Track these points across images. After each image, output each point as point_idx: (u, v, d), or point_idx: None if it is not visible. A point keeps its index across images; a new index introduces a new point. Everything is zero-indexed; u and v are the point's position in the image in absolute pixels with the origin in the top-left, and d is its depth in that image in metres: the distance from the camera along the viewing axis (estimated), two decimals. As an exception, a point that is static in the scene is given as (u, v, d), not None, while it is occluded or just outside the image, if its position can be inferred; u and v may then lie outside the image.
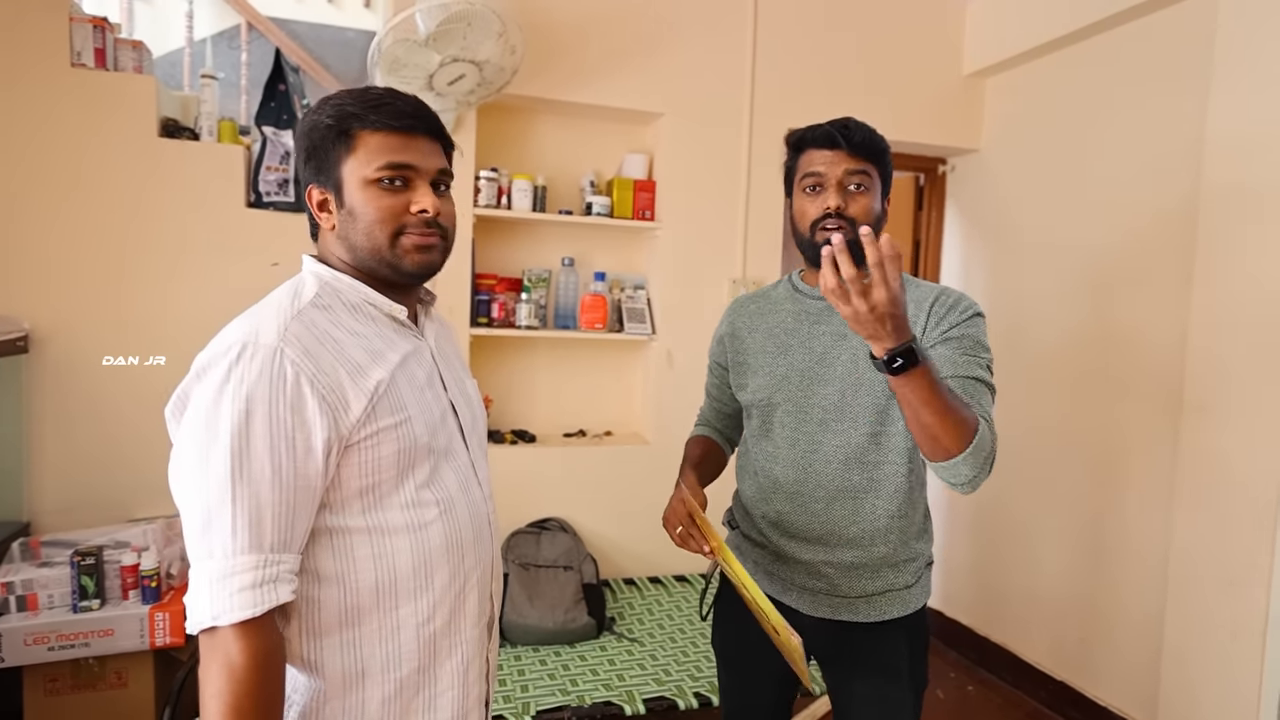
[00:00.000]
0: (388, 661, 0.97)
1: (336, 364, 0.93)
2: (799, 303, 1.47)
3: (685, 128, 2.98)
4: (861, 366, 1.35)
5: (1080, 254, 2.83)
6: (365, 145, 0.98)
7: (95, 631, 2.05)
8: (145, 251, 2.41)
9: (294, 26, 4.07)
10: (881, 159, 1.36)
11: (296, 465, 0.88)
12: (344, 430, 0.91)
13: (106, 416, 2.38)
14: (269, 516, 0.86)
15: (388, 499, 0.96)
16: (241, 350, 0.89)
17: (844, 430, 1.37)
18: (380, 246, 0.99)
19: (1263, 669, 2.15)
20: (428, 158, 1.01)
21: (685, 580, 2.98)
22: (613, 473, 2.98)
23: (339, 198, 1.00)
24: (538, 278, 2.98)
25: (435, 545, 0.99)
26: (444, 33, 2.33)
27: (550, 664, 2.29)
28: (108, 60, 2.36)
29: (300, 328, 0.93)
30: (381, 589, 0.96)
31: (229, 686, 0.84)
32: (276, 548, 0.87)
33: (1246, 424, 2.19)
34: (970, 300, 1.36)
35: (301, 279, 1.04)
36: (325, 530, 0.94)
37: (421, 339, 1.09)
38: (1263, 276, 2.16)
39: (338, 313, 0.99)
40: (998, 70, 3.19)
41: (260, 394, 0.87)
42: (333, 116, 0.98)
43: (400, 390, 0.98)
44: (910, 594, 1.42)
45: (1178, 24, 2.49)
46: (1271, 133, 2.14)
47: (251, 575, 0.85)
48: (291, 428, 0.88)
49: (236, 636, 0.84)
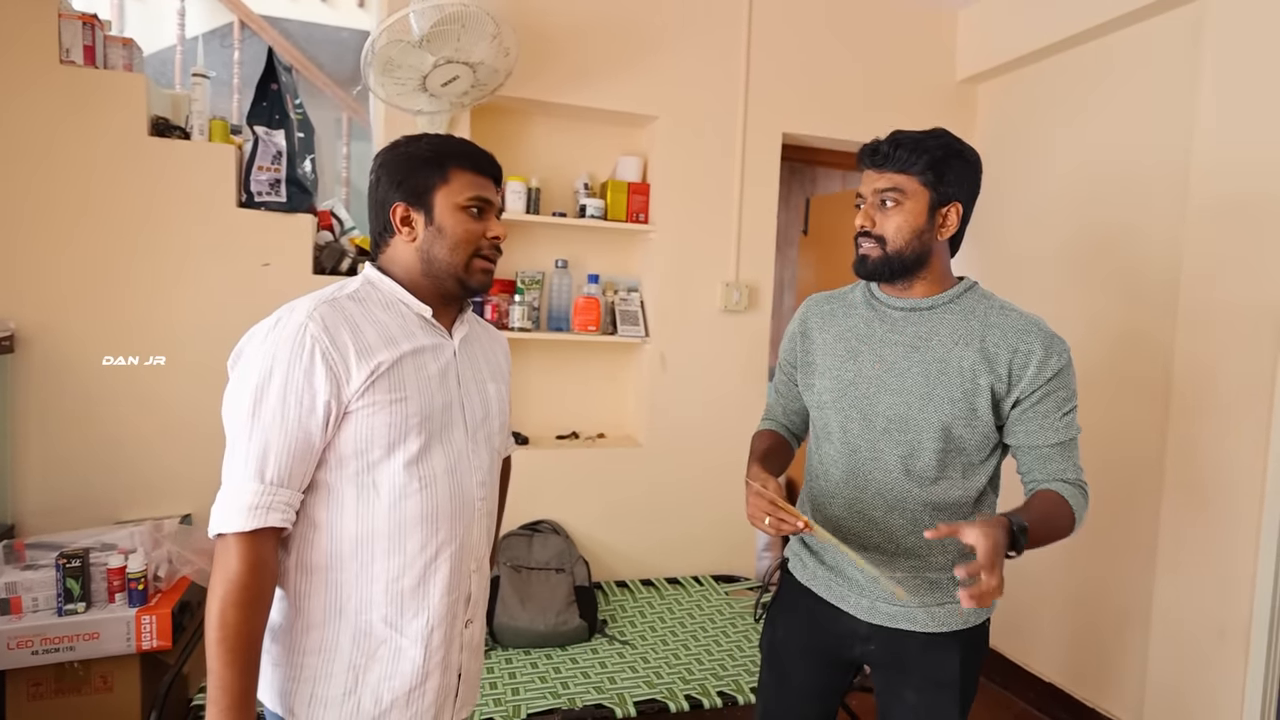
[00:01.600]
0: (361, 604, 1.14)
1: (350, 342, 1.10)
2: (874, 309, 1.46)
3: (679, 131, 2.98)
4: (932, 381, 1.35)
5: (1070, 258, 2.84)
6: (458, 179, 1.20)
7: (80, 635, 2.03)
8: (134, 251, 2.39)
9: (287, 25, 4.05)
10: (928, 170, 1.33)
11: (301, 418, 1.07)
12: (345, 398, 1.09)
13: (94, 417, 2.36)
14: (273, 455, 1.06)
15: (377, 466, 1.13)
16: (279, 320, 1.10)
17: (907, 441, 1.37)
18: (458, 263, 1.20)
19: (1246, 668, 2.17)
20: (495, 195, 1.26)
21: (678, 583, 2.97)
22: (605, 475, 2.97)
23: (429, 216, 1.20)
24: (531, 280, 2.97)
25: (411, 514, 1.15)
26: (438, 34, 2.32)
27: (541, 666, 2.28)
28: (97, 58, 2.34)
29: (329, 309, 1.12)
30: (361, 541, 1.13)
31: (223, 583, 1.04)
32: (276, 482, 1.06)
33: (1233, 426, 2.21)
34: (1058, 341, 1.35)
35: (353, 279, 1.24)
36: (324, 485, 1.13)
37: (447, 339, 1.24)
38: (1248, 280, 2.18)
39: (370, 305, 1.18)
40: (990, 76, 3.20)
41: (282, 356, 1.07)
42: (431, 151, 1.20)
43: (404, 373, 1.14)
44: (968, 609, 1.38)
45: (1166, 31, 2.51)
46: (1258, 138, 2.16)
47: (251, 498, 1.05)
48: (301, 387, 1.07)
49: (235, 544, 1.04)
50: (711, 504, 3.09)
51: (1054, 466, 1.35)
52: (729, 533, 3.13)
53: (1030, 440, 1.36)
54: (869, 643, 1.45)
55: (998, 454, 1.42)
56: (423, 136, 1.24)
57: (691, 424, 3.05)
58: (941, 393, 1.34)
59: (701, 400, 3.05)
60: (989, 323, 1.36)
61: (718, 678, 2.25)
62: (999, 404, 1.35)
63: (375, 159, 1.25)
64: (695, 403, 3.04)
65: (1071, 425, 1.35)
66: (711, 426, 3.07)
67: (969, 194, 1.38)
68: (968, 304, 1.39)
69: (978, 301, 1.39)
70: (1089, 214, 2.77)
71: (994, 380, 1.33)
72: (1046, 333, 1.35)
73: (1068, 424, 1.35)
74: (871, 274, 1.40)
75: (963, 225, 1.39)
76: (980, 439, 1.36)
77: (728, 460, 3.11)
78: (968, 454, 1.36)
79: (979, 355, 1.33)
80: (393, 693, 1.16)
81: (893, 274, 1.38)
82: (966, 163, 1.36)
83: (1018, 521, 1.20)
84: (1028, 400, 1.33)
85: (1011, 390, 1.33)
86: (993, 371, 1.33)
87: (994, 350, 1.33)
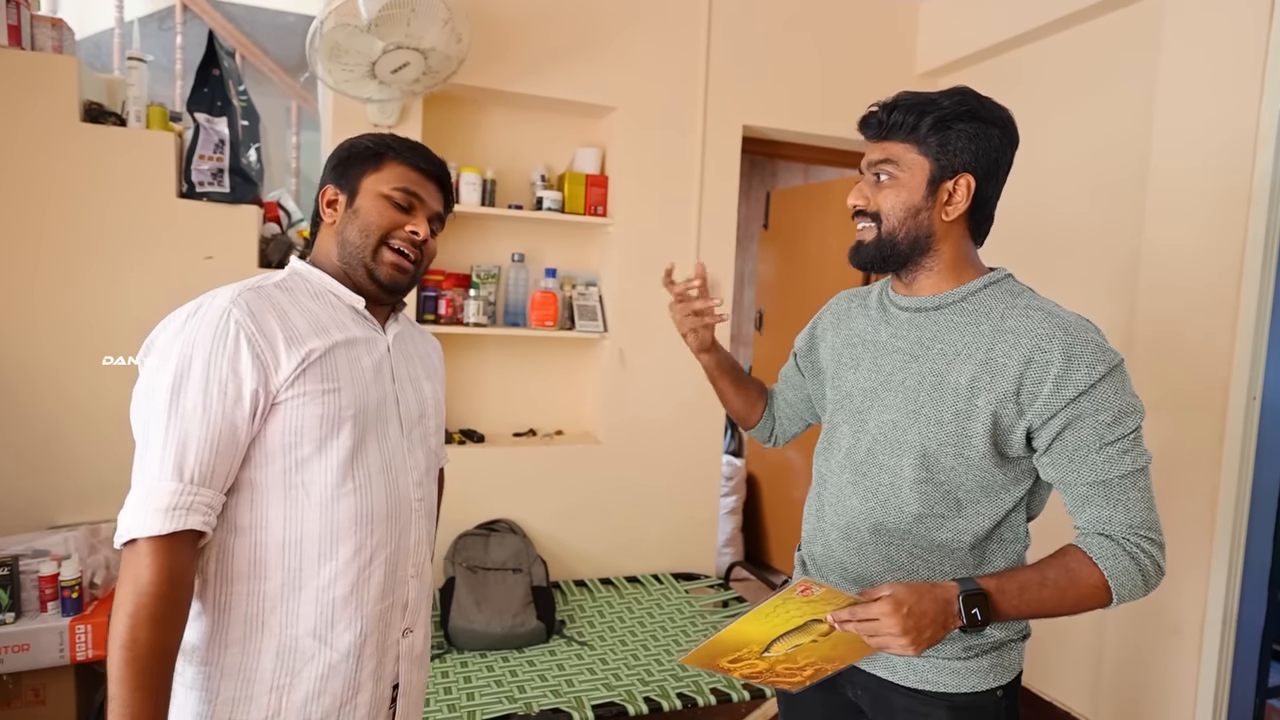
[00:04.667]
0: (287, 618, 1.05)
1: (278, 329, 1.04)
2: (884, 311, 1.25)
3: (638, 122, 2.93)
4: (922, 397, 1.13)
5: (1027, 254, 2.85)
6: (390, 169, 1.16)
7: (9, 646, 1.93)
8: (65, 243, 2.27)
9: (230, 8, 3.91)
10: (928, 136, 1.12)
11: (225, 409, 0.99)
12: (273, 387, 1.02)
13: (24, 417, 2.24)
14: (194, 449, 0.97)
15: (308, 464, 1.05)
16: (199, 307, 1.03)
17: (888, 465, 1.16)
18: (365, 248, 1.14)
19: (1199, 663, 2.20)
20: (433, 199, 1.20)
21: (637, 581, 2.94)
22: (563, 473, 2.92)
23: (351, 200, 1.16)
24: (486, 274, 2.91)
25: (344, 517, 1.07)
26: (387, 18, 2.24)
27: (498, 670, 2.23)
28: (23, 38, 2.22)
29: (254, 296, 1.05)
30: (288, 547, 1.05)
31: (133, 596, 0.93)
32: (196, 480, 0.97)
33: (1187, 422, 2.23)
34: (1100, 345, 1.06)
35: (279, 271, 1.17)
36: (248, 484, 1.04)
37: (380, 333, 1.19)
38: (1204, 275, 2.20)
39: (298, 295, 1.11)
40: (950, 70, 3.21)
41: (204, 343, 0.99)
42: (373, 143, 1.18)
43: (337, 364, 1.08)
44: (964, 667, 1.14)
45: (1125, 27, 2.53)
46: (1216, 134, 2.18)
47: (168, 499, 0.95)
48: (225, 376, 0.99)
49: (147, 551, 0.94)
50: (671, 501, 3.06)
51: (1094, 513, 1.06)
52: (689, 530, 3.10)
53: (1061, 476, 1.08)
54: (855, 687, 1.25)
55: (1012, 494, 1.13)
56: (375, 133, 1.22)
57: (651, 420, 3.02)
58: (929, 412, 1.11)
59: (661, 396, 3.01)
60: (1003, 327, 1.09)
61: (677, 679, 2.22)
62: (1007, 433, 1.08)
63: None
64: (655, 399, 3.01)
65: (1118, 460, 1.03)
66: (671, 423, 3.04)
67: (988, 164, 1.13)
68: (983, 302, 1.13)
69: (998, 300, 1.13)
70: (1048, 209, 2.79)
71: (996, 400, 1.06)
72: (1075, 337, 1.05)
73: (1111, 457, 1.03)
74: (867, 261, 1.17)
75: (983, 203, 1.15)
76: (974, 474, 1.11)
77: (688, 457, 3.09)
78: (957, 488, 1.12)
79: (981, 368, 1.08)
80: (322, 711, 1.07)
81: (886, 261, 1.16)
82: (983, 125, 1.12)
83: (969, 587, 1.01)
84: (1050, 426, 1.05)
85: (1025, 413, 1.06)
86: (996, 388, 1.07)
87: (1002, 361, 1.07)
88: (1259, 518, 2.14)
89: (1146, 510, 1.05)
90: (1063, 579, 1.04)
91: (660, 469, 3.04)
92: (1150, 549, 1.04)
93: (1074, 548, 1.07)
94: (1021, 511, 1.17)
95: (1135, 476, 1.05)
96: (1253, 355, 2.10)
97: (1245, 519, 2.14)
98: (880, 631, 0.98)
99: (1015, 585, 1.03)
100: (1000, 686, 1.16)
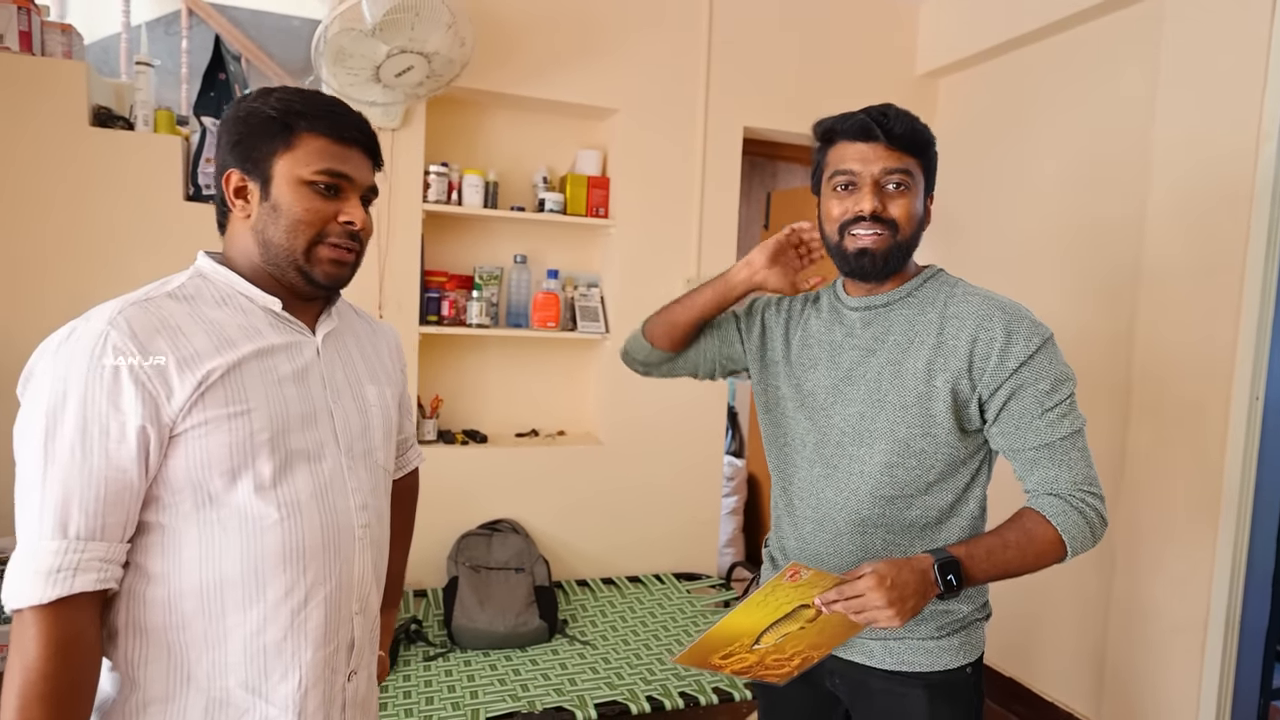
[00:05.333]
0: (213, 670, 0.92)
1: (168, 350, 0.89)
2: (836, 313, 1.32)
3: (640, 124, 2.94)
4: (885, 386, 1.21)
5: (1030, 256, 2.86)
6: (305, 146, 0.97)
7: None
8: (75, 245, 2.30)
9: (235, 13, 3.94)
10: (926, 152, 1.21)
11: (108, 452, 0.85)
12: (166, 419, 0.88)
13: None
14: (76, 502, 0.84)
15: (221, 497, 0.91)
16: (73, 331, 0.88)
17: (860, 457, 1.22)
18: (297, 249, 0.97)
19: (1203, 664, 2.20)
20: (362, 172, 1.01)
21: (639, 581, 2.95)
22: (566, 473, 2.94)
23: (265, 190, 0.97)
24: (489, 275, 2.93)
25: (270, 552, 0.93)
26: (391, 22, 2.26)
27: (501, 669, 2.25)
28: (34, 44, 2.25)
29: (138, 312, 0.90)
30: (207, 593, 0.91)
31: (20, 673, 0.81)
32: (83, 535, 0.84)
33: (1190, 423, 2.24)
34: (1034, 321, 1.18)
35: (182, 273, 1.02)
36: (156, 526, 0.91)
37: (306, 335, 1.03)
38: (1207, 277, 2.20)
39: (199, 303, 0.96)
40: (951, 71, 3.22)
41: (77, 376, 0.85)
42: (277, 110, 0.96)
43: (246, 381, 0.93)
44: (938, 646, 1.23)
45: (1126, 28, 2.53)
46: (1216, 135, 2.18)
47: (50, 560, 0.82)
48: (104, 413, 0.85)
49: (32, 621, 0.82)
50: (673, 501, 3.07)
51: (1042, 474, 1.16)
52: (690, 530, 3.11)
53: (1010, 444, 1.18)
54: (834, 676, 1.31)
55: (972, 467, 1.24)
56: (276, 90, 0.99)
57: (653, 421, 3.03)
58: (894, 399, 1.20)
59: (663, 397, 3.02)
60: (948, 313, 1.20)
61: (680, 678, 2.23)
62: (964, 407, 1.18)
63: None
64: (656, 399, 3.02)
65: (1058, 424, 1.15)
66: (673, 424, 3.05)
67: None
68: (927, 294, 1.24)
69: (939, 290, 1.24)
70: (1049, 210, 2.79)
71: (953, 377, 1.17)
72: (1012, 315, 1.17)
73: (1052, 422, 1.14)
74: (873, 268, 1.21)
75: None
76: (943, 450, 1.20)
77: (689, 457, 3.10)
78: (927, 468, 1.20)
79: (934, 352, 1.18)
80: None
81: (888, 268, 1.22)
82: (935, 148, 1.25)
83: (941, 556, 1.08)
84: (997, 396, 1.16)
85: (976, 386, 1.16)
86: (950, 367, 1.17)
87: (952, 342, 1.17)
88: (1262, 518, 2.14)
89: (1086, 468, 1.16)
90: (1022, 539, 1.13)
91: (662, 469, 3.05)
92: (1094, 502, 1.15)
93: (1028, 510, 1.17)
94: (978, 485, 1.26)
95: (1074, 438, 1.16)
96: (1255, 356, 2.10)
97: (1249, 519, 2.14)
98: (867, 606, 1.03)
99: (982, 550, 1.12)
100: (969, 664, 1.26)
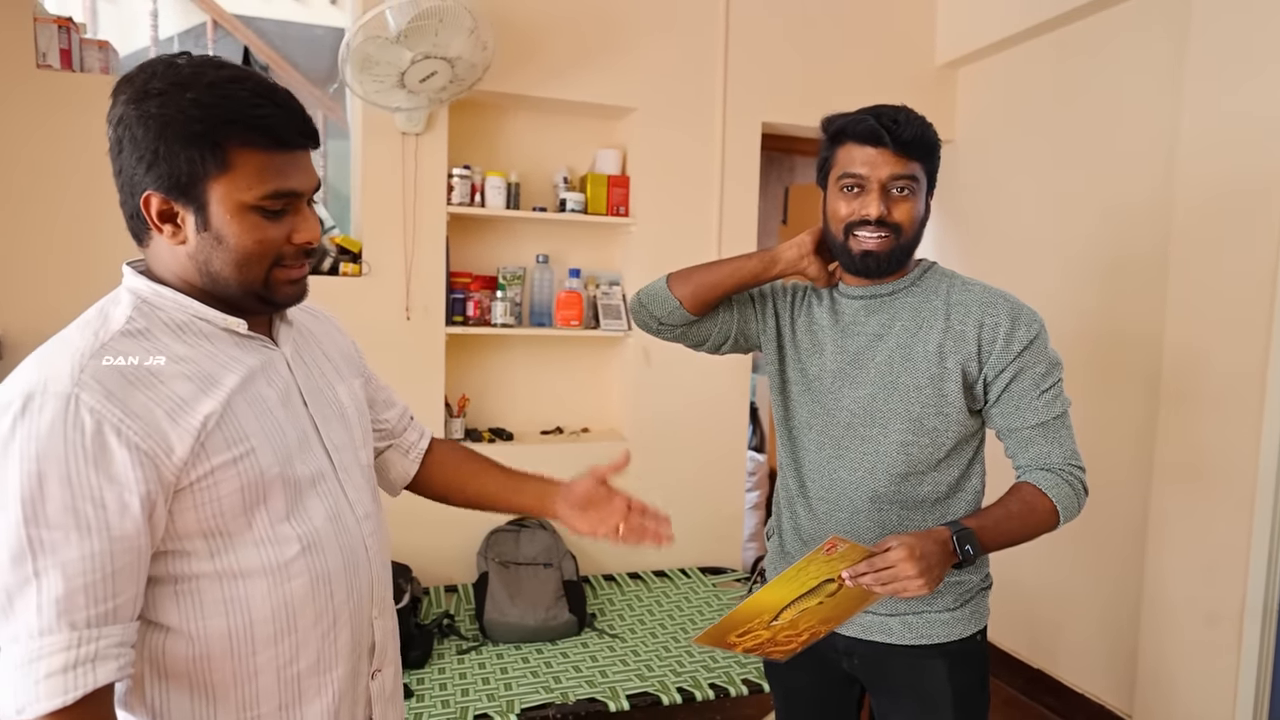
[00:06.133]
0: (243, 702, 0.86)
1: (152, 403, 0.79)
2: (837, 302, 1.38)
3: (658, 122, 2.97)
4: (896, 369, 1.28)
5: (1055, 244, 2.85)
6: (242, 166, 0.82)
7: None
8: (117, 255, 2.35)
9: (261, 24, 4.02)
10: (932, 155, 1.26)
11: (110, 527, 0.75)
12: (169, 477, 0.79)
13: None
14: (81, 589, 0.74)
15: (238, 538, 0.84)
16: (27, 401, 0.75)
17: (872, 437, 1.29)
18: (253, 281, 0.87)
19: (1239, 655, 2.16)
20: (308, 176, 0.89)
21: (665, 576, 2.98)
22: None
23: (201, 219, 0.84)
24: (512, 275, 2.97)
25: (298, 586, 0.88)
26: (415, 29, 2.30)
27: (533, 661, 2.29)
28: (74, 61, 2.33)
29: (100, 367, 0.78)
30: (236, 637, 0.84)
31: None
32: (95, 622, 0.74)
33: (1223, 413, 2.20)
34: (1031, 310, 1.28)
35: (114, 298, 0.89)
36: (168, 578, 0.82)
37: (274, 348, 0.94)
38: (1237, 265, 2.16)
39: (157, 337, 0.84)
40: (971, 60, 3.20)
41: (53, 452, 0.74)
42: (200, 119, 0.80)
43: (240, 418, 0.85)
44: (952, 618, 1.32)
45: (1151, 12, 2.48)
46: (1244, 121, 2.13)
47: (63, 657, 0.73)
48: (97, 487, 0.75)
49: None
50: (697, 496, 3.09)
51: (1036, 451, 1.27)
52: (715, 525, 3.14)
53: (1008, 423, 1.28)
54: (853, 657, 1.37)
55: (975, 443, 1.34)
56: (189, 85, 0.81)
57: (676, 417, 3.06)
58: (907, 380, 1.27)
59: (685, 393, 3.06)
60: (952, 300, 1.28)
61: (709, 670, 2.26)
62: (971, 387, 1.27)
63: (112, 100, 0.84)
64: (679, 396, 3.05)
65: (1052, 404, 1.26)
66: (696, 419, 3.08)
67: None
68: (929, 284, 1.32)
69: (939, 280, 1.32)
70: (1073, 199, 2.78)
71: (963, 360, 1.25)
72: (1013, 303, 1.27)
73: (1047, 402, 1.25)
74: (877, 268, 1.27)
75: None
76: (954, 428, 1.28)
77: (712, 453, 3.12)
78: (939, 445, 1.28)
79: (944, 335, 1.26)
80: None
81: (891, 267, 1.28)
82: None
83: (958, 528, 1.16)
84: (1001, 378, 1.25)
85: (983, 368, 1.26)
86: (961, 350, 1.25)
87: (959, 327, 1.26)
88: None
89: (1073, 444, 1.29)
90: (1023, 510, 1.24)
91: (685, 465, 3.08)
92: (1081, 475, 1.28)
93: (1025, 483, 1.27)
94: (979, 462, 1.36)
95: (1064, 418, 1.28)
96: (1289, 339, 2.04)
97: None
98: (899, 576, 1.08)
99: (991, 521, 1.22)
100: (978, 631, 1.36)
